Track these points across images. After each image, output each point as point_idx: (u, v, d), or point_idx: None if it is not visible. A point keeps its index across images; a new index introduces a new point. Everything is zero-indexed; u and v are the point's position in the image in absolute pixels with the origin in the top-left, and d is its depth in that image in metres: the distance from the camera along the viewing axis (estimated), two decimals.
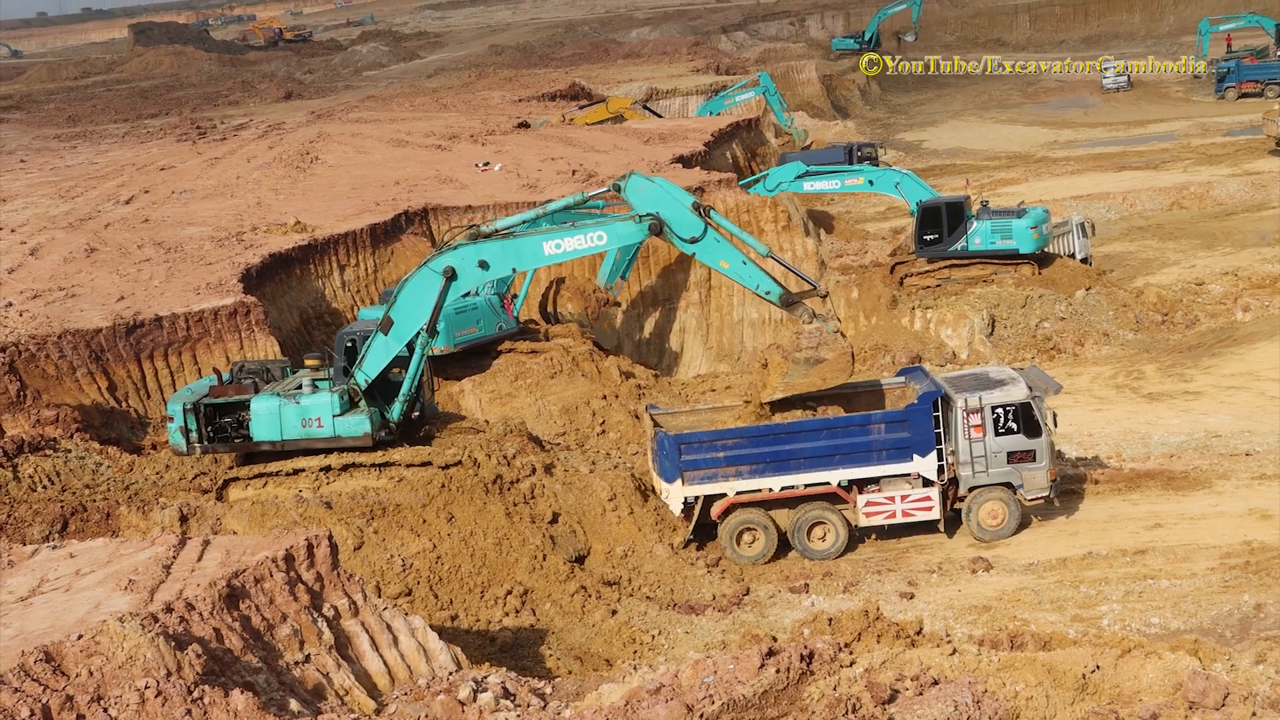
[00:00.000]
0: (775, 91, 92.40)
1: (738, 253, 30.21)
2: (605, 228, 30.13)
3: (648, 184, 30.31)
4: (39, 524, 28.90)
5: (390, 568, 27.76)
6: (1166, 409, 39.34)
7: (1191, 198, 68.12)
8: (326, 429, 30.12)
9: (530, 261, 31.48)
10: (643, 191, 30.23)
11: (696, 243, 29.77)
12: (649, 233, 29.78)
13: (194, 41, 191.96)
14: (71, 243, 48.56)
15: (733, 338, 49.21)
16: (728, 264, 30.23)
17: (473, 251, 29.64)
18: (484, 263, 29.71)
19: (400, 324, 30.04)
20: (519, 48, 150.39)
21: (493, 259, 29.77)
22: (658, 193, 30.12)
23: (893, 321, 47.42)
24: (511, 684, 19.88)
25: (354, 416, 30.10)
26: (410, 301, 29.93)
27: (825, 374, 29.51)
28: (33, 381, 34.52)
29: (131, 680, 16.26)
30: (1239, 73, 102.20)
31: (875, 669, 17.33)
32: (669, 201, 29.90)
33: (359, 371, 30.26)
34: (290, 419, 30.18)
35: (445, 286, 29.67)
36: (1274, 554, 28.03)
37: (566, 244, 30.03)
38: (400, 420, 30.88)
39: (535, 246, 30.00)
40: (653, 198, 30.03)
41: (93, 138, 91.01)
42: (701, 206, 29.89)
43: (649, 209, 29.82)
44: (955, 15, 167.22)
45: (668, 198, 29.99)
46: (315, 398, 30.17)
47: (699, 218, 29.66)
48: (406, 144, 72.37)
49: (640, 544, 29.81)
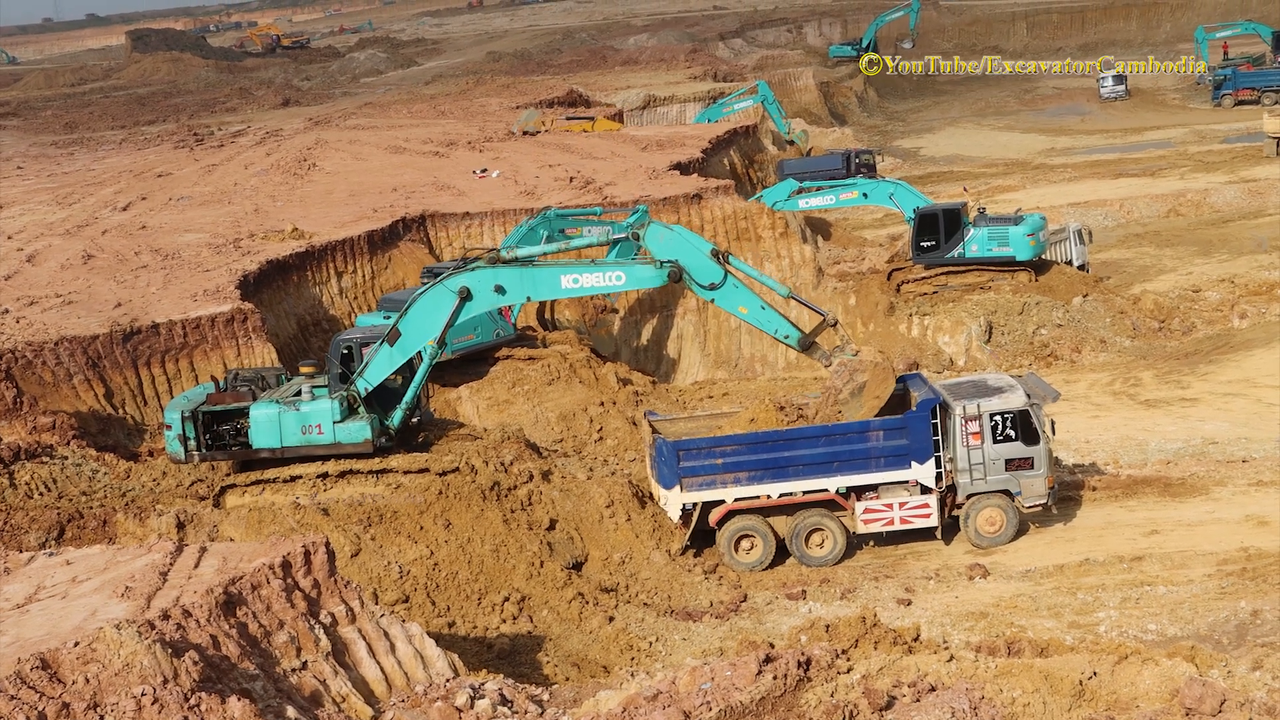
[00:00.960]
0: (774, 100, 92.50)
1: (756, 298, 30.64)
2: (625, 269, 30.61)
3: (667, 232, 30.73)
4: (35, 531, 28.88)
5: (387, 574, 27.74)
6: (1164, 416, 39.36)
7: (1188, 205, 68.20)
8: (327, 436, 30.12)
9: (546, 293, 31.92)
10: (662, 240, 30.62)
11: (716, 289, 30.17)
12: (668, 279, 30.11)
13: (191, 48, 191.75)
14: (68, 249, 48.57)
15: (730, 344, 49.20)
16: (746, 309, 30.65)
17: (490, 276, 29.82)
18: (500, 288, 29.98)
19: (408, 337, 30.13)
20: (517, 55, 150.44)
21: (509, 285, 30.03)
22: (677, 241, 30.51)
23: (890, 328, 47.43)
24: (509, 691, 19.87)
25: (354, 423, 30.11)
26: (421, 316, 30.05)
27: (875, 394, 29.99)
28: (29, 388, 34.50)
29: (128, 687, 16.24)
30: (1235, 80, 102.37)
31: (872, 675, 17.32)
32: (688, 250, 30.26)
33: (360, 379, 30.26)
34: (290, 426, 30.17)
35: (459, 306, 29.86)
36: (1271, 560, 28.04)
37: (585, 280, 30.34)
38: (400, 427, 30.88)
39: (553, 279, 30.30)
40: (672, 246, 30.39)
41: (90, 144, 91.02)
42: (720, 253, 30.26)
43: (668, 256, 30.17)
44: (952, 22, 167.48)
45: (687, 245, 30.37)
46: (315, 404, 30.17)
47: (718, 265, 30.04)
48: (404, 151, 72.40)
49: (638, 550, 29.80)
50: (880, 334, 47.21)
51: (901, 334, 47.08)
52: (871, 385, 29.83)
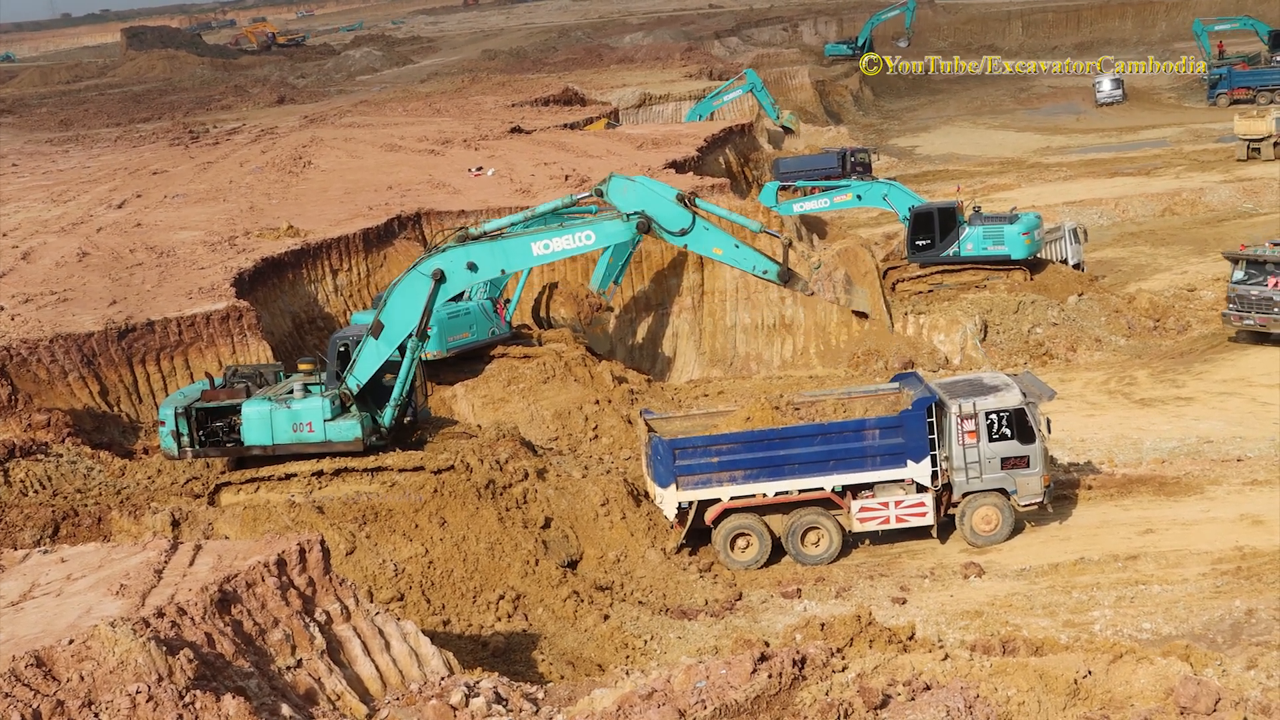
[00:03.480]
0: (763, 88, 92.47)
1: (729, 237, 30.52)
2: (593, 227, 30.23)
3: (629, 184, 30.53)
4: (30, 528, 28.85)
5: (382, 572, 27.72)
6: (1158, 414, 39.42)
7: (1183, 204, 68.32)
8: (318, 434, 30.05)
9: (519, 262, 31.44)
10: (625, 192, 30.43)
11: (687, 234, 29.97)
12: (637, 231, 29.95)
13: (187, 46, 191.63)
14: (63, 247, 48.48)
15: (725, 343, 49.18)
16: (720, 250, 30.50)
17: (461, 254, 29.62)
18: (472, 264, 29.69)
19: (390, 328, 29.95)
20: (512, 53, 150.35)
21: (481, 261, 29.74)
22: (641, 191, 30.32)
23: (885, 327, 47.41)
24: (503, 689, 19.85)
25: (345, 421, 30.04)
26: (400, 305, 29.87)
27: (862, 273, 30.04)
28: (24, 386, 34.46)
29: (123, 685, 16.22)
30: (1231, 79, 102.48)
31: (867, 674, 17.32)
32: (653, 198, 30.07)
33: (350, 376, 30.20)
34: (281, 424, 30.11)
35: (434, 290, 29.63)
36: (1265, 559, 28.08)
37: (555, 244, 30.07)
38: (392, 425, 30.83)
39: (524, 247, 30.02)
40: (637, 197, 30.21)
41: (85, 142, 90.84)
42: (685, 197, 30.04)
43: (634, 208, 29.96)
44: (948, 21, 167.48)
45: (652, 194, 30.17)
46: (306, 402, 30.11)
47: (685, 208, 29.82)
48: (399, 149, 72.32)
49: (633, 549, 29.79)
50: (876, 333, 47.21)
51: (897, 333, 47.08)
52: (853, 271, 29.86)
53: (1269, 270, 43.75)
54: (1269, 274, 43.71)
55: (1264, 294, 43.77)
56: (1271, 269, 43.68)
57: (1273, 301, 43.59)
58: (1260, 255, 44.51)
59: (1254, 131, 77.13)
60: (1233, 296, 44.74)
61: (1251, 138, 77.07)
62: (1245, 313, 44.31)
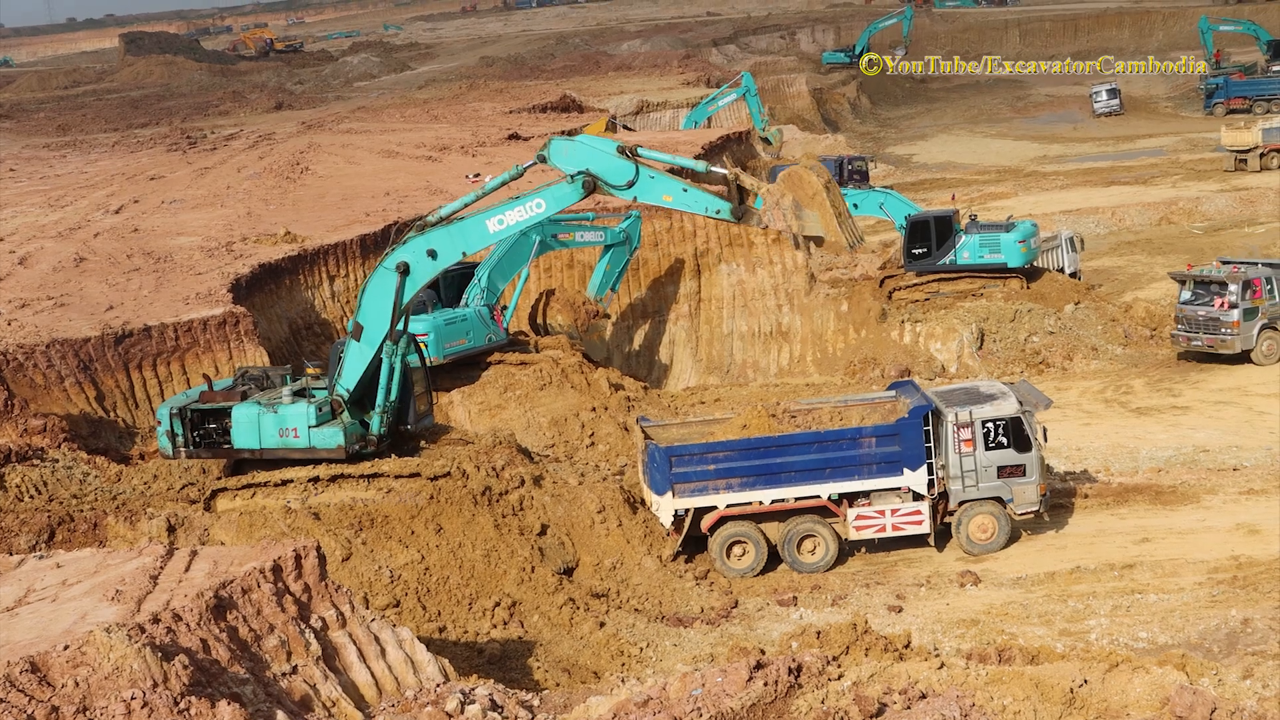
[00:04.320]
0: (755, 93, 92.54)
1: (676, 183, 30.14)
2: (542, 194, 29.87)
3: (570, 144, 30.17)
4: (26, 534, 28.79)
5: (378, 579, 27.69)
6: (1155, 424, 39.43)
7: (1180, 213, 68.40)
8: (302, 439, 29.99)
9: (477, 242, 30.72)
10: (567, 153, 29.98)
11: (634, 185, 29.63)
12: (584, 190, 29.53)
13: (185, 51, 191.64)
14: (60, 252, 48.46)
15: (722, 350, 49.21)
16: (670, 197, 30.15)
17: (421, 242, 29.34)
18: (433, 251, 29.35)
19: (369, 328, 29.78)
20: (510, 59, 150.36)
21: (440, 246, 29.43)
22: (582, 150, 29.97)
23: (882, 335, 47.45)
24: (499, 696, 19.83)
25: (329, 428, 29.88)
26: (373, 304, 29.69)
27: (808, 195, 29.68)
28: (20, 391, 34.42)
29: (118, 691, 16.20)
30: (1227, 89, 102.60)
31: (863, 682, 17.32)
32: (594, 155, 29.73)
33: (339, 382, 30.16)
34: (268, 428, 30.12)
35: (401, 284, 29.32)
36: (1262, 569, 28.08)
37: (509, 217, 29.77)
38: (385, 433, 30.66)
39: (479, 226, 29.73)
40: (578, 156, 29.81)
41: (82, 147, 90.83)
42: (627, 149, 29.68)
43: (578, 168, 29.61)
44: (945, 30, 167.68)
45: (592, 151, 29.83)
46: (293, 408, 30.05)
47: (627, 160, 29.51)
48: (397, 155, 72.35)
49: (629, 556, 29.78)
50: (872, 340, 47.27)
51: (893, 341, 47.10)
52: (801, 195, 29.58)
53: (1215, 291, 43.47)
54: (1215, 294, 43.44)
55: (1210, 314, 43.47)
56: (1217, 289, 43.40)
57: (1220, 322, 43.27)
58: (1207, 275, 44.25)
59: (1240, 143, 77.18)
60: (1180, 317, 44.41)
61: (1238, 149, 77.13)
62: (1193, 333, 43.98)
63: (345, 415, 30.12)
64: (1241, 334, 43.21)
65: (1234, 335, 43.26)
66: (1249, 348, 43.38)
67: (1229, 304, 43.19)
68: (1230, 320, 43.21)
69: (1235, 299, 43.05)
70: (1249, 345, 43.35)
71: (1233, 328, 43.20)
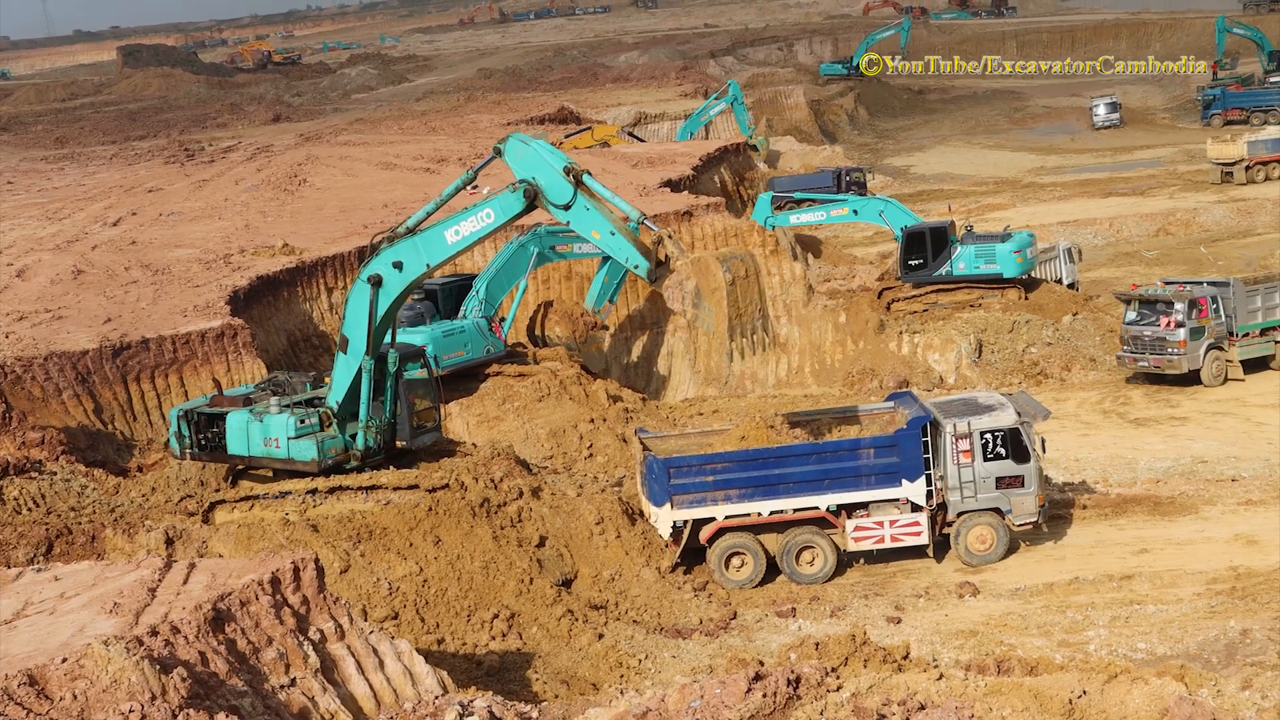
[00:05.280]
0: (742, 101, 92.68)
1: (608, 223, 28.19)
2: (491, 205, 28.59)
3: (524, 147, 28.41)
4: (24, 546, 28.75)
5: (377, 591, 27.66)
6: (1153, 434, 39.45)
7: (1178, 224, 68.48)
8: (282, 450, 29.92)
9: (438, 254, 29.41)
10: (520, 156, 28.31)
11: (569, 209, 28.01)
12: (525, 200, 28.09)
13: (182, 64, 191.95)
14: (58, 264, 48.48)
15: (720, 362, 49.19)
16: (599, 234, 28.45)
17: (390, 254, 28.90)
18: (398, 263, 28.72)
19: (353, 340, 29.63)
20: (507, 71, 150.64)
21: (405, 258, 28.82)
22: (534, 156, 28.19)
23: (880, 346, 47.48)
24: (498, 708, 19.81)
25: (304, 441, 29.80)
26: (353, 316, 29.45)
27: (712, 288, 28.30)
28: (18, 403, 34.41)
29: (116, 704, 16.18)
30: (1224, 100, 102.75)
31: (862, 694, 17.29)
32: (543, 166, 28.05)
33: (330, 394, 30.14)
34: (255, 436, 30.15)
35: (374, 296, 28.95)
36: (1260, 579, 28.07)
37: (463, 229, 28.70)
38: (374, 448, 30.46)
39: (438, 237, 28.89)
40: (529, 162, 28.19)
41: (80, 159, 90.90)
42: (574, 170, 27.96)
43: (524, 173, 28.13)
44: (943, 41, 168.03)
45: (543, 161, 28.12)
46: (276, 418, 30.00)
47: (567, 182, 27.80)
48: (395, 167, 72.42)
49: (627, 568, 29.75)
50: (870, 351, 47.28)
51: (892, 352, 47.12)
52: (704, 285, 28.19)
53: (1161, 310, 42.87)
54: (1161, 314, 42.84)
55: (1158, 334, 42.84)
56: (1164, 308, 42.79)
57: (1167, 342, 42.66)
58: (1153, 295, 43.62)
59: (1226, 156, 77.10)
60: (1126, 338, 43.70)
61: (1224, 162, 77.12)
62: (1139, 354, 43.25)
63: (334, 428, 30.06)
64: (1189, 354, 42.55)
65: (1181, 355, 42.53)
66: (1196, 368, 42.79)
67: (1176, 323, 42.56)
68: (1177, 340, 42.52)
69: (1182, 318, 42.44)
70: (1196, 365, 42.73)
71: (1179, 347, 42.51)
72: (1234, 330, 43.31)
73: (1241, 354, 43.36)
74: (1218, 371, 43.14)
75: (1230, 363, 43.35)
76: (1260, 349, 43.70)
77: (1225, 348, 43.29)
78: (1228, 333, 43.29)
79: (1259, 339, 43.66)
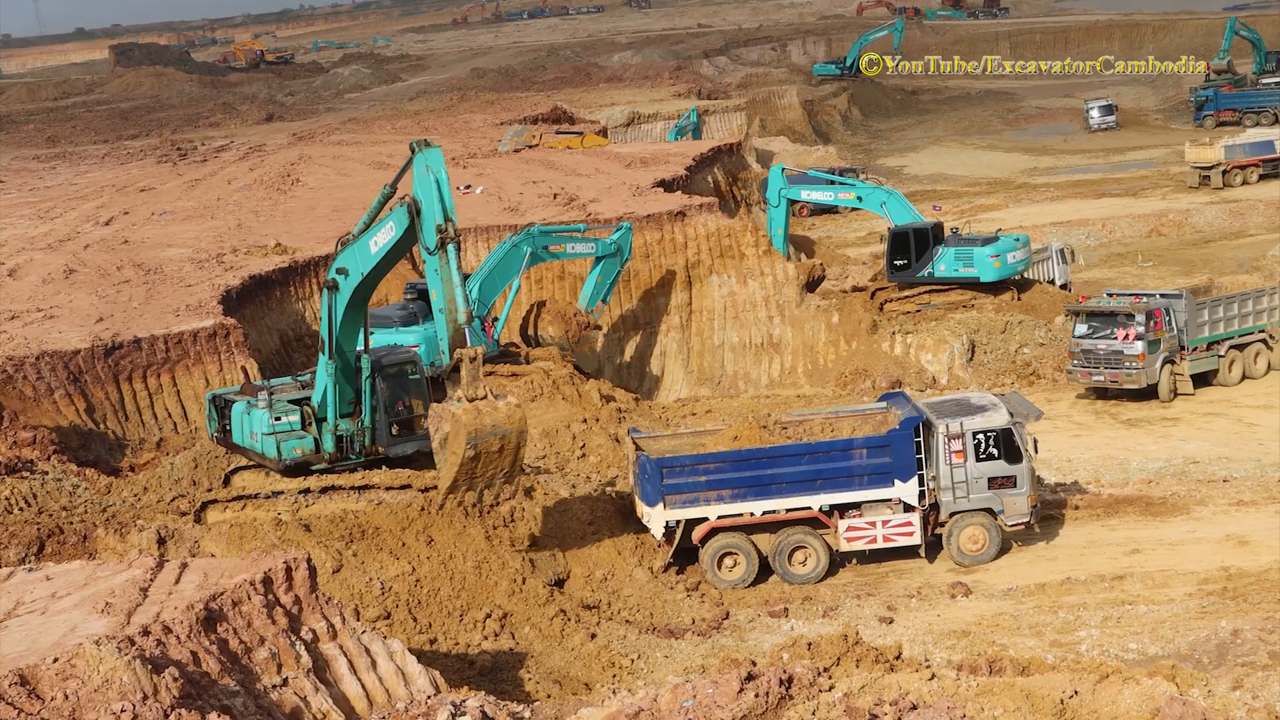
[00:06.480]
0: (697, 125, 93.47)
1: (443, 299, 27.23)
2: (393, 218, 27.99)
3: (426, 173, 27.21)
4: (15, 546, 28.75)
5: (369, 591, 27.64)
6: (1145, 435, 39.51)
7: (1170, 225, 68.60)
8: (257, 445, 30.14)
9: (365, 261, 28.78)
10: (422, 174, 27.28)
11: (430, 258, 27.26)
12: (408, 216, 27.28)
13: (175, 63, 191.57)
14: (50, 264, 48.45)
15: (714, 362, 49.25)
16: (435, 300, 27.54)
17: (337, 260, 29.06)
18: (343, 269, 28.81)
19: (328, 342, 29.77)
20: (501, 71, 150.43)
21: (347, 264, 28.74)
22: (428, 187, 27.13)
23: (873, 346, 47.53)
24: (490, 708, 19.80)
25: (270, 438, 29.87)
26: (322, 318, 29.66)
27: (454, 450, 26.71)
28: (10, 403, 34.39)
29: (108, 704, 16.16)
30: (1217, 101, 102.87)
31: (854, 694, 17.30)
32: (428, 197, 27.06)
33: (314, 394, 30.20)
34: (244, 428, 30.40)
35: (331, 300, 29.02)
36: (1251, 580, 28.13)
37: (379, 239, 28.26)
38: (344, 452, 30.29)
39: (364, 247, 28.58)
40: (422, 182, 27.22)
41: (72, 158, 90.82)
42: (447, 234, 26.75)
43: (417, 194, 27.21)
44: (936, 42, 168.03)
45: (432, 192, 27.07)
46: (259, 412, 30.13)
47: (435, 237, 26.82)
48: (388, 166, 72.22)
49: (620, 567, 29.76)
50: (863, 352, 47.34)
51: (884, 352, 47.18)
52: (451, 441, 27.06)
53: (1119, 322, 41.58)
54: (1118, 325, 41.59)
55: (1113, 347, 41.58)
56: (1123, 320, 41.47)
57: (1124, 355, 41.42)
58: (1104, 307, 42.45)
59: (1204, 159, 76.97)
60: (1076, 352, 42.33)
61: (1202, 165, 77.03)
62: (1092, 368, 42.01)
63: (314, 428, 30.12)
64: (1147, 367, 41.42)
65: (1139, 369, 41.40)
66: (1154, 382, 41.62)
67: (1135, 335, 41.39)
68: (1135, 353, 41.31)
69: (1142, 330, 41.22)
70: (1154, 380, 41.57)
71: (1138, 360, 41.35)
72: (1184, 344, 42.22)
73: (1191, 368, 42.18)
74: (1171, 386, 42.02)
75: (1180, 377, 42.16)
76: (1207, 363, 42.58)
77: (1177, 361, 42.10)
78: (1179, 346, 42.19)
79: (1205, 353, 42.59)
